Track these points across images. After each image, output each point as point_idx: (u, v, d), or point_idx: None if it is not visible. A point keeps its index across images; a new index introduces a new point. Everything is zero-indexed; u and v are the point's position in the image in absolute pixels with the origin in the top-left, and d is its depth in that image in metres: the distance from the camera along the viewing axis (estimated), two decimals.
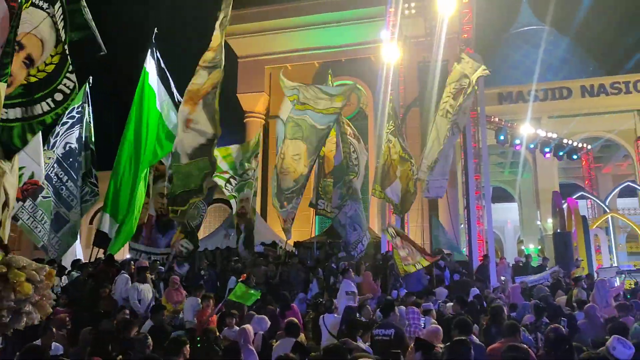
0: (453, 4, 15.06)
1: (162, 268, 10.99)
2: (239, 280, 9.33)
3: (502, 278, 13.64)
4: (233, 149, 13.84)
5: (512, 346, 4.75)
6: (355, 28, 24.18)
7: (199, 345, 6.29)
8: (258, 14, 25.50)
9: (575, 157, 21.80)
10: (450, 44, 16.97)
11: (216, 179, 12.95)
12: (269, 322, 6.96)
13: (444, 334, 6.05)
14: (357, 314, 7.47)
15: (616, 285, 12.48)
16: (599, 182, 27.76)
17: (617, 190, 21.56)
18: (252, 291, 7.40)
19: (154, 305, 8.06)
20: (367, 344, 6.27)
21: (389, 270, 11.54)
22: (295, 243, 16.61)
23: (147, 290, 9.07)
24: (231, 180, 13.52)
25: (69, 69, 5.35)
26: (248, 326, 6.44)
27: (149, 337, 5.39)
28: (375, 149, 18.31)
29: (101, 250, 12.09)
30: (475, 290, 11.11)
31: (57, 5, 5.41)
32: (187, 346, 4.68)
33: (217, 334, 6.83)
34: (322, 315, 7.79)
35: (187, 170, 10.25)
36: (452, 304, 8.68)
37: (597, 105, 23.04)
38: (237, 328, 6.60)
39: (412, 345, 5.85)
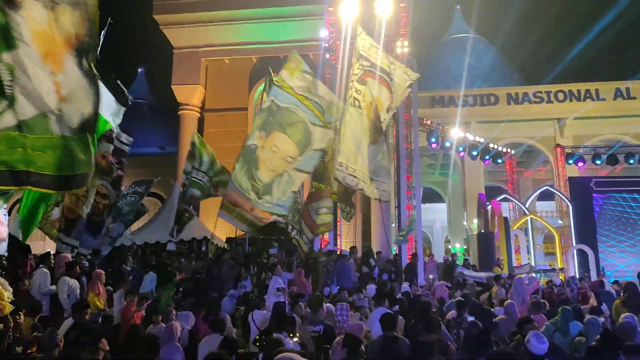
0: (390, 6, 15.36)
1: (86, 263, 10.53)
2: (173, 279, 9.11)
3: (430, 276, 14.09)
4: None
5: (439, 340, 4.97)
6: (294, 25, 24.21)
7: (125, 341, 6.11)
8: (195, 4, 24.96)
9: (500, 161, 22.90)
10: (388, 46, 17.32)
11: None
12: (195, 318, 6.85)
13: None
14: (289, 310, 7.49)
15: (542, 283, 13.17)
16: (521, 185, 29.29)
17: (536, 193, 22.78)
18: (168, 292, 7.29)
19: (76, 303, 7.73)
20: (295, 340, 6.31)
21: (321, 267, 11.65)
22: (227, 239, 16.41)
23: (75, 285, 8.68)
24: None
25: None
26: (175, 323, 6.31)
27: (57, 333, 5.09)
28: None
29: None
30: (405, 287, 11.44)
31: None
32: (105, 342, 4.52)
33: (143, 330, 6.64)
34: (251, 312, 7.75)
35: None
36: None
37: (521, 112, 24.25)
38: (163, 325, 6.44)
39: (337, 339, 5.95)
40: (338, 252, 13.94)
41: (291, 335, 6.03)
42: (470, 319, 6.88)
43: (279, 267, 9.64)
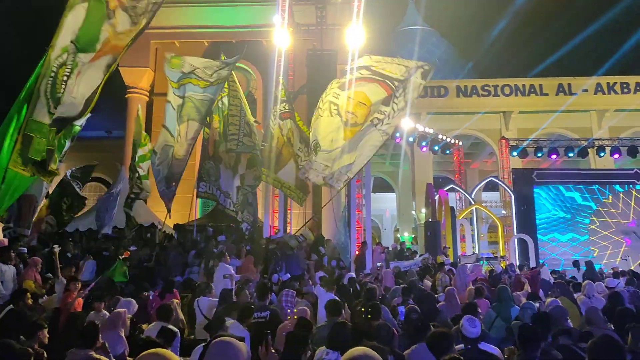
0: None
1: (24, 249, 10.11)
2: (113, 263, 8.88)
3: (378, 264, 14.34)
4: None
5: (382, 324, 5.09)
6: (247, 10, 23.85)
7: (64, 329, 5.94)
8: None
9: (448, 152, 23.47)
10: (340, 35, 17.37)
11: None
12: (137, 306, 6.73)
13: None
14: (235, 297, 7.47)
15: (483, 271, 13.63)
16: (468, 176, 30.14)
17: (482, 184, 23.49)
18: (121, 274, 7.12)
19: (16, 290, 7.45)
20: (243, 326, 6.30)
21: (270, 254, 11.65)
22: (175, 226, 16.14)
23: (10, 271, 8.32)
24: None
25: None
26: (120, 310, 6.18)
27: None
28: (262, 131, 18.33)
29: None
30: (350, 274, 11.60)
31: None
32: (45, 330, 4.37)
33: (83, 317, 6.46)
34: (197, 299, 7.69)
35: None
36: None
37: (469, 105, 24.92)
38: (106, 312, 6.30)
39: (282, 324, 5.99)
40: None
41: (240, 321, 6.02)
42: (412, 304, 7.06)
43: (227, 254, 9.56)
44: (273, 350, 3.22)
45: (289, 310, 6.93)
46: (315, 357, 4.52)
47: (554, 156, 22.17)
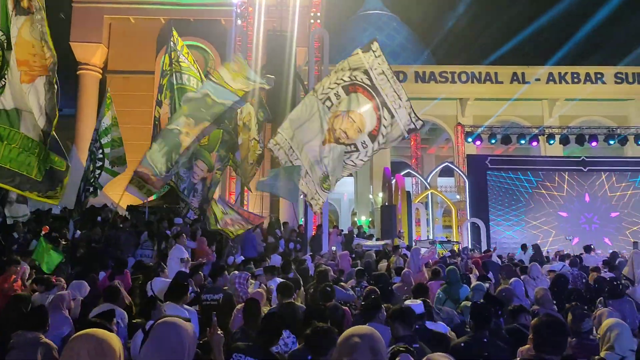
0: None
1: None
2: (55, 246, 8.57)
3: (333, 248, 14.40)
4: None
5: (333, 306, 5.12)
6: None
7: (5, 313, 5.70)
8: None
9: (405, 137, 23.68)
10: (300, 17, 17.17)
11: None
12: (89, 288, 6.53)
13: None
14: (189, 280, 7.35)
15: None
16: (424, 161, 30.65)
17: (437, 169, 23.92)
18: (54, 253, 6.88)
19: None
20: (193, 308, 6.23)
21: (225, 236, 11.52)
22: (128, 207, 15.74)
23: None
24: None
25: None
26: (63, 292, 5.98)
27: None
28: None
29: None
30: (306, 257, 11.64)
31: None
32: None
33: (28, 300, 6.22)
34: (150, 280, 7.53)
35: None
36: None
37: (427, 91, 25.19)
38: (51, 294, 6.09)
39: (237, 307, 5.94)
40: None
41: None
42: (365, 285, 7.15)
43: (183, 235, 9.41)
44: (219, 332, 3.16)
45: (243, 294, 6.89)
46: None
47: (506, 143, 22.79)
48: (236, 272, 7.50)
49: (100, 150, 11.89)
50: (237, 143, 12.38)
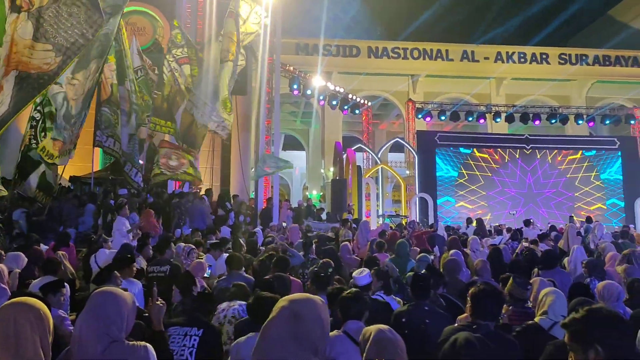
0: None
1: None
2: None
3: (284, 224, 14.40)
4: None
5: (278, 276, 5.16)
6: None
7: None
8: None
9: (357, 111, 23.83)
10: None
11: None
12: (26, 260, 6.31)
13: None
14: (137, 253, 7.22)
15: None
16: (376, 136, 30.96)
17: (388, 145, 24.24)
18: None
19: None
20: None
21: (173, 208, 11.35)
22: (71, 178, 15.19)
23: None
24: None
25: None
26: (1, 265, 5.76)
27: None
28: None
29: None
30: (258, 230, 11.65)
31: None
32: None
33: None
34: (94, 253, 7.35)
35: None
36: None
37: (379, 66, 25.33)
38: None
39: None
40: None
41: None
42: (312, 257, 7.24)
43: (126, 207, 9.18)
44: (159, 303, 3.13)
45: (186, 266, 6.82)
46: (220, 308, 4.53)
47: (455, 120, 23.30)
48: (181, 244, 7.41)
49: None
50: (176, 108, 12.24)
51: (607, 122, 23.81)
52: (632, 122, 24.18)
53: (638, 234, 13.58)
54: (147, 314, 3.68)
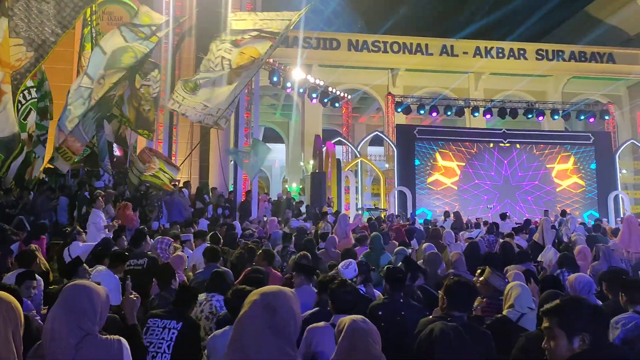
0: None
1: None
2: None
3: (265, 218, 14.35)
4: None
5: (255, 269, 5.17)
6: None
7: None
8: None
9: (337, 105, 23.82)
10: None
11: None
12: None
13: None
14: (113, 245, 7.15)
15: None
16: (355, 130, 31.03)
17: (368, 138, 24.28)
18: None
19: None
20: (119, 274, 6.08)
21: (151, 201, 11.26)
22: (46, 170, 14.91)
23: None
24: None
25: None
26: None
27: None
28: None
29: None
30: (236, 223, 11.62)
31: None
32: None
33: None
34: (68, 245, 7.26)
35: None
36: None
37: (359, 59, 25.33)
38: None
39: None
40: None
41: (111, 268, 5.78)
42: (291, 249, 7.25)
43: (100, 199, 9.06)
44: (133, 296, 3.11)
45: (164, 259, 6.77)
46: (198, 302, 4.52)
47: (434, 114, 23.48)
48: (159, 237, 7.36)
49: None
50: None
51: (582, 117, 24.23)
52: (607, 117, 24.64)
53: (610, 228, 13.91)
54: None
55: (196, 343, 3.76)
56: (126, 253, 5.95)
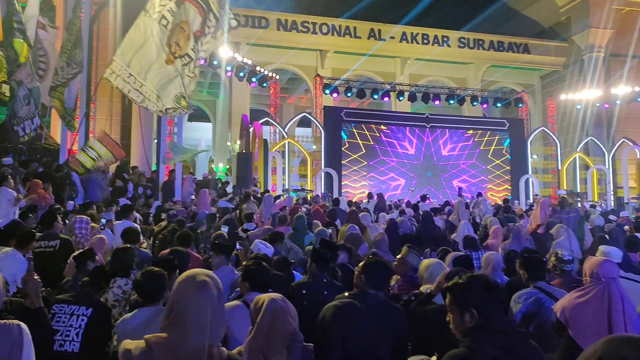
0: None
1: None
2: None
3: (192, 197, 14.02)
4: None
5: (175, 250, 5.08)
6: None
7: None
8: None
9: (265, 85, 23.58)
10: None
11: None
12: None
13: None
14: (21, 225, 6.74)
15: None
16: (283, 111, 30.94)
17: (295, 119, 24.26)
18: None
19: None
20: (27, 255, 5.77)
21: (65, 179, 10.68)
22: None
23: None
24: None
25: None
26: None
27: None
28: None
29: None
30: (157, 202, 11.30)
31: None
32: None
33: None
34: None
35: None
36: None
37: (288, 39, 25.16)
38: None
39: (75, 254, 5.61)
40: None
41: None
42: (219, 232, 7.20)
43: (10, 178, 8.50)
44: (37, 278, 2.97)
45: (83, 240, 6.50)
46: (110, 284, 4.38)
47: (361, 97, 23.84)
48: (77, 216, 7.03)
49: None
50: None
51: (499, 104, 25.47)
52: (520, 105, 26.07)
53: (520, 209, 14.81)
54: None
55: (107, 329, 3.62)
56: (34, 231, 5.62)
